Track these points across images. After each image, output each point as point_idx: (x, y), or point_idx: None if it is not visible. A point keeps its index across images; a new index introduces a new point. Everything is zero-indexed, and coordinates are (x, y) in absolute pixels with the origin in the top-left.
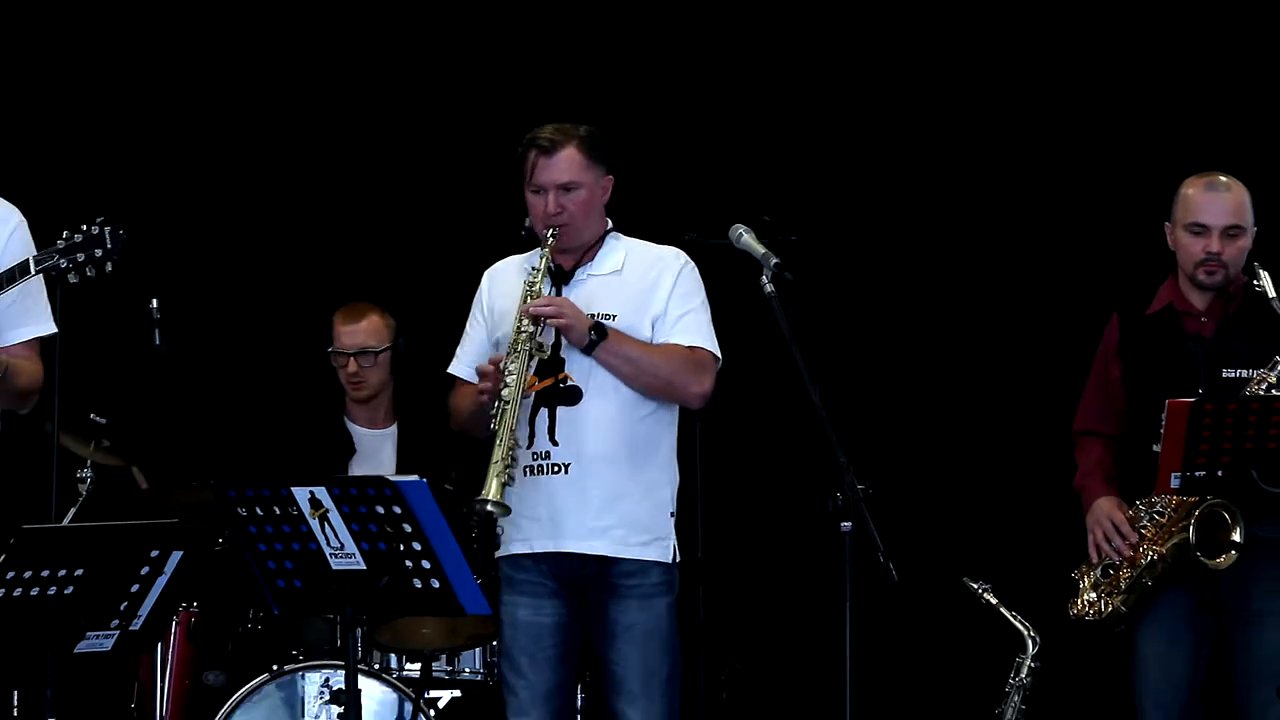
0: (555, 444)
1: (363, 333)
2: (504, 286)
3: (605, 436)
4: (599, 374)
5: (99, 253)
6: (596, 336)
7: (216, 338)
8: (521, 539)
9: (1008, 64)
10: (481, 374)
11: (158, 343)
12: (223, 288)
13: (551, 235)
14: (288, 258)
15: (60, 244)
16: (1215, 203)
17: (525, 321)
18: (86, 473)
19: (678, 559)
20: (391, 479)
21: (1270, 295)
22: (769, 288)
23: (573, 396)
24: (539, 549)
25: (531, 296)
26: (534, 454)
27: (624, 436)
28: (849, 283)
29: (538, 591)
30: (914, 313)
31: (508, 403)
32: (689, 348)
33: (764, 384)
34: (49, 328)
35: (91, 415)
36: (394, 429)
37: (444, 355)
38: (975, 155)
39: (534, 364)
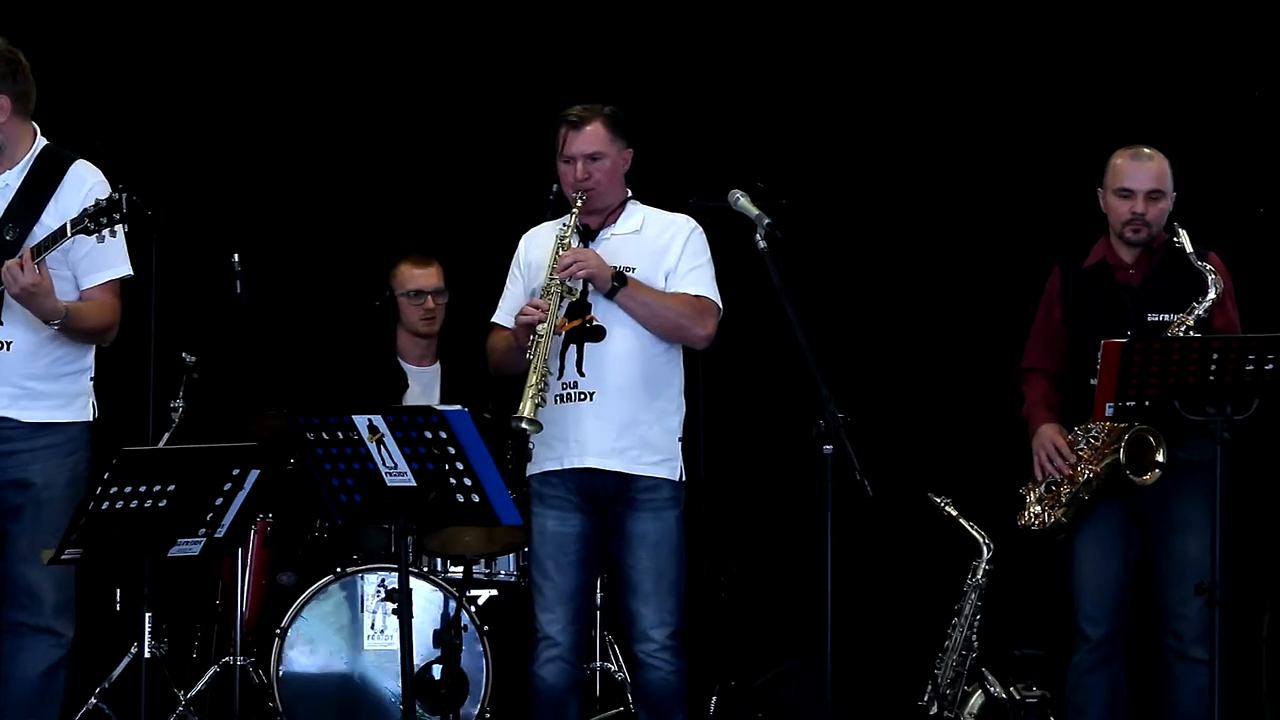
0: (582, 375)
1: (435, 275)
2: (538, 248)
3: (624, 370)
4: (620, 317)
5: (117, 216)
6: (618, 283)
7: (288, 288)
8: (553, 457)
9: (971, 58)
10: (525, 312)
11: (239, 291)
12: (293, 245)
13: (580, 199)
14: (345, 220)
15: (90, 209)
16: (1139, 170)
17: (557, 270)
18: (178, 403)
19: (684, 478)
20: (438, 408)
21: (1188, 251)
22: (762, 244)
23: (598, 335)
24: (567, 465)
25: (563, 249)
26: (563, 384)
27: (640, 371)
28: (832, 240)
29: (564, 506)
30: (888, 267)
31: (541, 336)
32: (696, 296)
33: (758, 327)
34: (124, 270)
35: (183, 354)
36: (437, 367)
37: (482, 305)
38: (939, 135)
39: (565, 306)
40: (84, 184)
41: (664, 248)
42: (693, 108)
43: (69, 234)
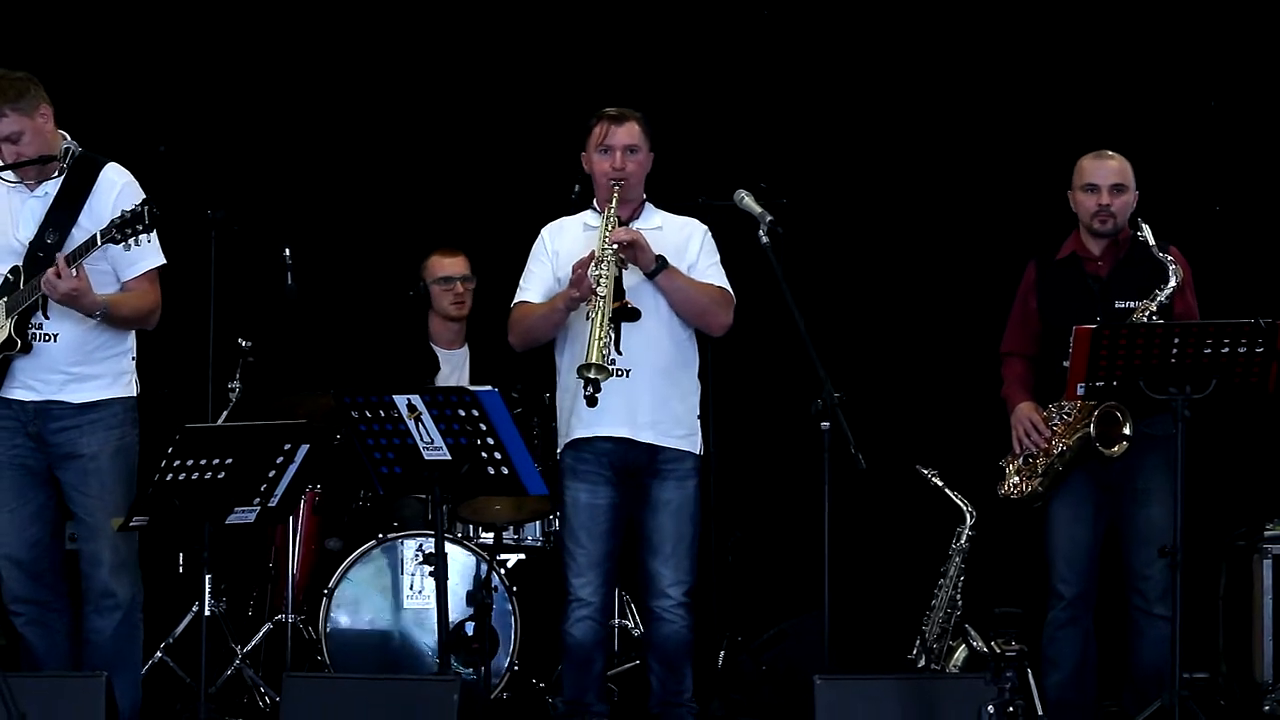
0: (620, 354)
1: (462, 264)
2: (564, 237)
3: (656, 350)
4: (650, 302)
5: (140, 226)
6: (660, 265)
7: (334, 279)
8: (587, 425)
9: (955, 71)
10: (575, 271)
11: (290, 283)
12: (338, 241)
13: (616, 187)
14: (384, 218)
15: (117, 219)
16: (1103, 167)
17: (610, 240)
18: (235, 384)
19: (703, 451)
20: (470, 389)
21: (1151, 243)
22: (765, 239)
23: (634, 315)
24: (600, 433)
25: (610, 228)
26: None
27: (669, 352)
28: (829, 236)
29: (595, 480)
30: (880, 260)
31: (603, 296)
32: (719, 288)
33: (761, 315)
34: (158, 260)
35: (239, 339)
36: (466, 350)
37: (507, 294)
38: (926, 140)
39: (615, 272)
40: (114, 187)
41: (683, 244)
42: (702, 114)
43: (99, 243)
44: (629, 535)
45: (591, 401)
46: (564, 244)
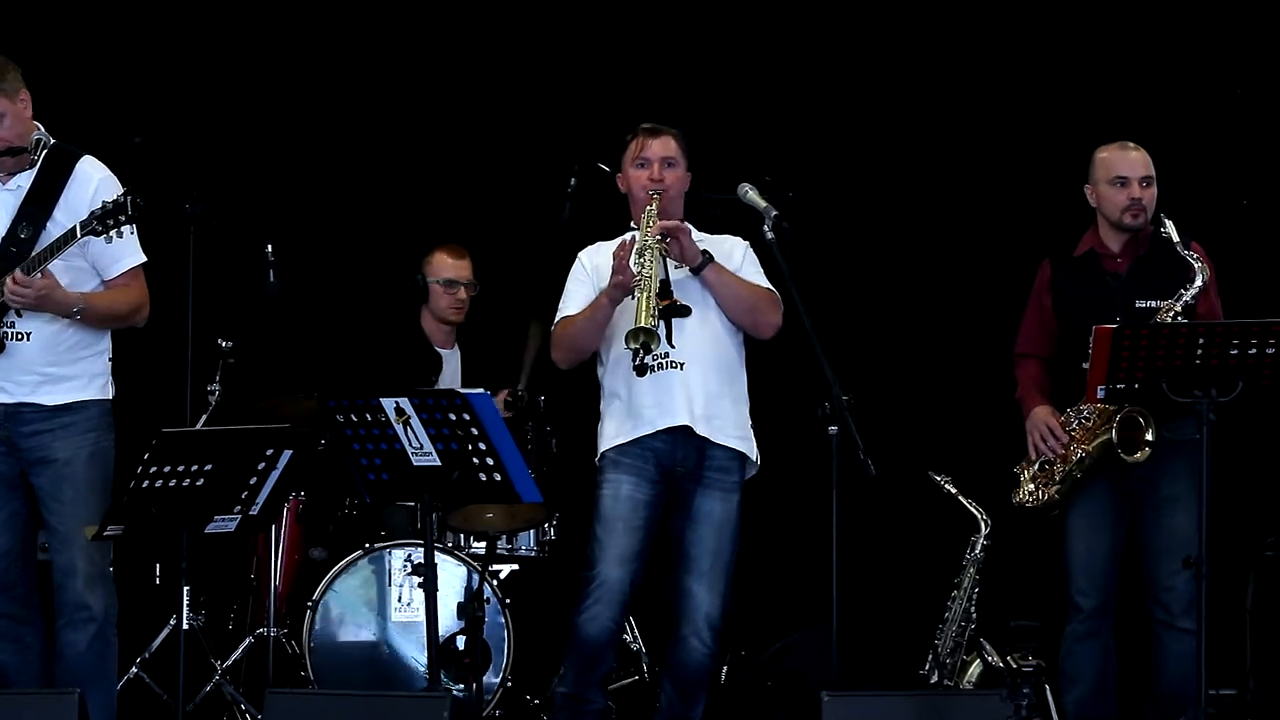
0: (673, 347)
1: (468, 267)
2: (601, 256)
3: (709, 345)
4: (698, 297)
5: (123, 217)
6: (705, 260)
7: (319, 276)
8: (645, 422)
9: (966, 60)
10: (616, 259)
11: (272, 280)
12: (323, 235)
13: (654, 196)
14: (371, 212)
15: (97, 211)
16: (1131, 159)
17: (654, 231)
18: (215, 387)
19: (757, 461)
20: (461, 391)
21: (1174, 240)
22: (770, 235)
23: (684, 311)
24: (660, 426)
25: (650, 224)
26: (655, 355)
27: (720, 348)
28: (836, 232)
29: (641, 473)
30: (890, 257)
31: (649, 276)
32: (766, 288)
33: None
34: (140, 258)
35: (219, 339)
36: (457, 351)
37: (502, 294)
38: (937, 133)
39: (660, 265)
40: (90, 181)
41: (726, 254)
42: (704, 103)
43: (78, 235)
44: (658, 547)
45: (641, 370)
46: (602, 259)
